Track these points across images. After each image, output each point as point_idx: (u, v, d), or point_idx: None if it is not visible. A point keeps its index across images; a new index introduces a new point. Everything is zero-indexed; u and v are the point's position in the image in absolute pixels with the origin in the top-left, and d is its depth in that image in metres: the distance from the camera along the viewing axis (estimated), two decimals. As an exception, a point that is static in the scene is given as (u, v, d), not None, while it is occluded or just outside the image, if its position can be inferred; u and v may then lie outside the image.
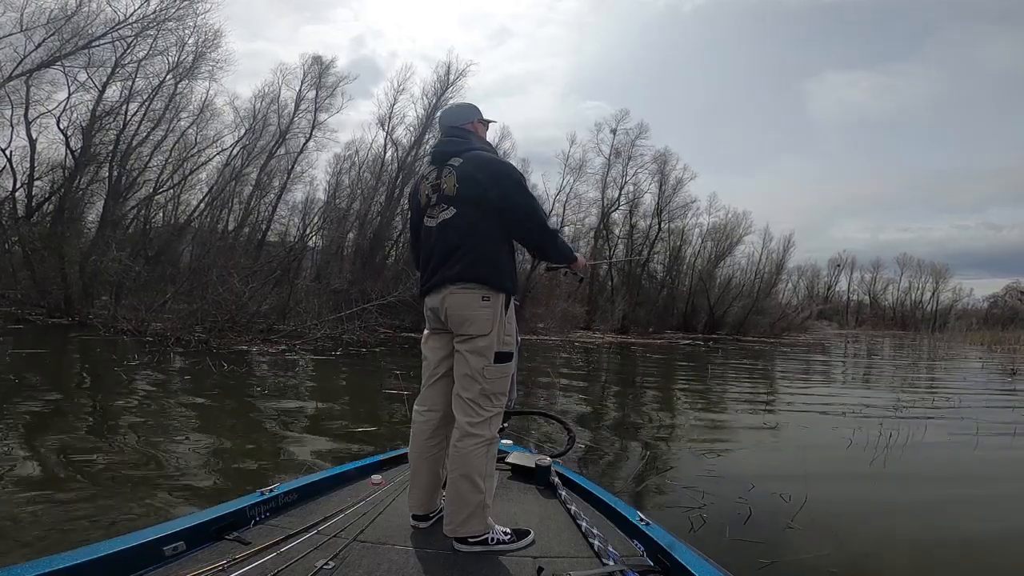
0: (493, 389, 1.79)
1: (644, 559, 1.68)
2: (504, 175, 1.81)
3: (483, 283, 1.78)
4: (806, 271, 51.30)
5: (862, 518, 3.30)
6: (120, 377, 6.55)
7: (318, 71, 21.12)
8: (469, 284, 1.78)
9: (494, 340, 1.78)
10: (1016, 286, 53.55)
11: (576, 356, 14.21)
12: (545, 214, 1.93)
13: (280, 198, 21.49)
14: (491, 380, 1.78)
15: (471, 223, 1.79)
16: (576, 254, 2.01)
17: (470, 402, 1.78)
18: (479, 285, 1.78)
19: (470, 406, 1.78)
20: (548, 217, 1.97)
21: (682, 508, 3.24)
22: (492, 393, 1.79)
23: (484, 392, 1.78)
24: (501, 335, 1.80)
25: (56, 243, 13.58)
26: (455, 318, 1.80)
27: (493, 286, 1.78)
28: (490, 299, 1.78)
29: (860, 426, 5.64)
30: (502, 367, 1.80)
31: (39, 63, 14.98)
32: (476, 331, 1.77)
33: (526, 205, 1.81)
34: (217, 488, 3.21)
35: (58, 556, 1.34)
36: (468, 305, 1.78)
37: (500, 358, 1.79)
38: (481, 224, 1.79)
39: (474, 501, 1.71)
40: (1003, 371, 14.67)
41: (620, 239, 29.81)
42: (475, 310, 1.77)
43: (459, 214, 1.81)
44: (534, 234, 1.88)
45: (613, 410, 6.86)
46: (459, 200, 1.81)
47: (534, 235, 1.89)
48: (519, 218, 1.82)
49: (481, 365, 1.77)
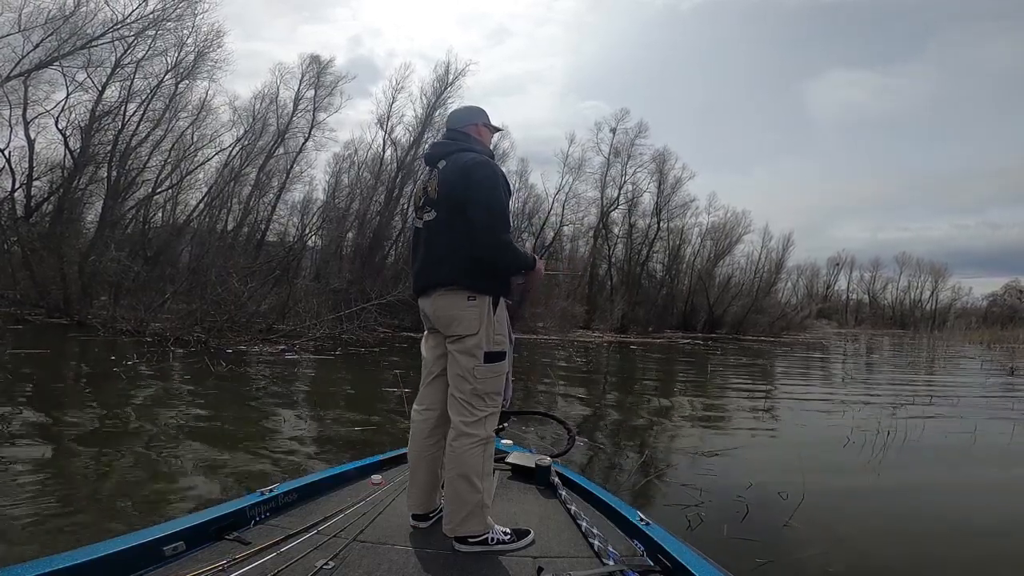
0: (485, 389, 1.79)
1: (644, 559, 1.68)
2: (474, 179, 1.77)
3: (467, 287, 1.78)
4: (805, 270, 51.35)
5: (859, 516, 3.31)
6: (119, 377, 6.55)
7: (316, 70, 21.15)
8: (453, 287, 1.79)
9: (483, 340, 1.78)
10: (1015, 285, 53.71)
11: (575, 356, 14.22)
12: (503, 223, 1.79)
13: (279, 198, 21.56)
14: (482, 380, 1.78)
15: (451, 225, 1.80)
16: (535, 257, 1.91)
17: (463, 402, 1.79)
18: (463, 288, 1.78)
19: (463, 406, 1.79)
20: (505, 229, 1.79)
21: (679, 507, 3.25)
22: (484, 393, 1.79)
23: (476, 392, 1.78)
24: (490, 335, 1.80)
25: (55, 243, 13.57)
26: (443, 319, 1.82)
27: (477, 288, 1.78)
28: (476, 299, 1.78)
29: (858, 425, 5.65)
30: (493, 367, 1.80)
31: (37, 63, 14.97)
32: (464, 331, 1.78)
33: (483, 210, 1.74)
34: (217, 488, 3.21)
35: (58, 556, 1.34)
36: (454, 305, 1.79)
37: (490, 358, 1.79)
38: (460, 226, 1.78)
39: (472, 501, 1.72)
40: (1002, 369, 14.70)
41: (619, 238, 29.87)
42: (462, 310, 1.78)
43: (438, 217, 1.83)
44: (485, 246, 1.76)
45: (613, 410, 6.87)
46: (439, 203, 1.83)
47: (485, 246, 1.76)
48: (474, 224, 1.75)
49: (471, 365, 1.78)
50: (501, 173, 1.85)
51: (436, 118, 21.27)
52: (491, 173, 1.80)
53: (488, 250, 1.77)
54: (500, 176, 1.83)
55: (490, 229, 1.76)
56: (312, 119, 21.14)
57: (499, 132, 2.11)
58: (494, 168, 1.84)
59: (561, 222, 27.92)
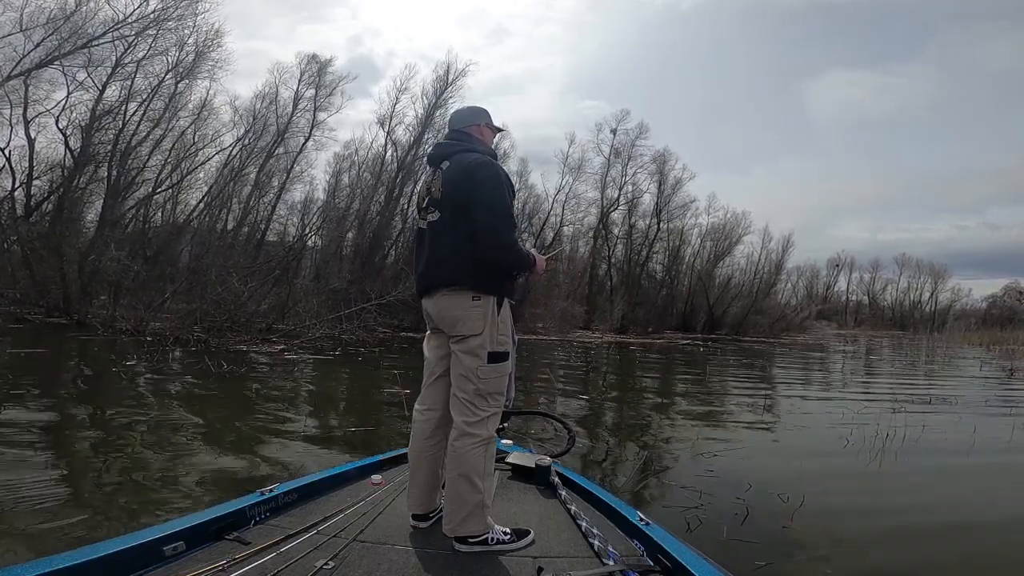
0: (488, 389, 1.79)
1: (644, 559, 1.68)
2: (477, 179, 1.77)
3: (472, 287, 1.78)
4: (805, 271, 51.40)
5: (859, 518, 3.31)
6: (119, 377, 6.54)
7: (316, 70, 21.14)
8: (456, 287, 1.79)
9: (487, 340, 1.78)
10: (1015, 286, 53.65)
11: (575, 356, 14.21)
12: (506, 224, 1.78)
13: (279, 198, 21.51)
14: (485, 380, 1.78)
15: (454, 226, 1.80)
16: (533, 253, 1.89)
17: (466, 402, 1.79)
18: (468, 288, 1.79)
19: (466, 406, 1.79)
20: (509, 230, 1.78)
21: (679, 508, 3.25)
22: (487, 393, 1.79)
23: (479, 392, 1.78)
24: (494, 335, 1.80)
25: (55, 242, 13.55)
26: (448, 320, 1.82)
27: (482, 288, 1.79)
28: (481, 299, 1.78)
29: (858, 426, 5.65)
30: (496, 367, 1.80)
31: (38, 62, 14.96)
32: (468, 331, 1.78)
33: (486, 210, 1.75)
34: (217, 488, 3.21)
35: (58, 556, 1.34)
36: (459, 306, 1.79)
37: (494, 358, 1.79)
38: (463, 227, 1.78)
39: (472, 501, 1.72)
40: (1001, 371, 14.70)
41: (619, 239, 29.86)
42: (466, 310, 1.78)
43: (442, 218, 1.83)
44: (488, 247, 1.76)
45: (612, 410, 6.87)
46: (443, 203, 1.83)
47: (488, 247, 1.76)
48: (477, 225, 1.76)
49: (475, 365, 1.78)
50: (504, 173, 1.84)
51: (437, 118, 21.27)
52: (494, 173, 1.80)
53: (491, 251, 1.77)
54: (503, 176, 1.82)
55: (493, 230, 1.76)
56: (312, 119, 21.13)
57: (501, 132, 2.10)
58: (497, 168, 1.83)
59: (561, 222, 27.98)
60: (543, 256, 1.98)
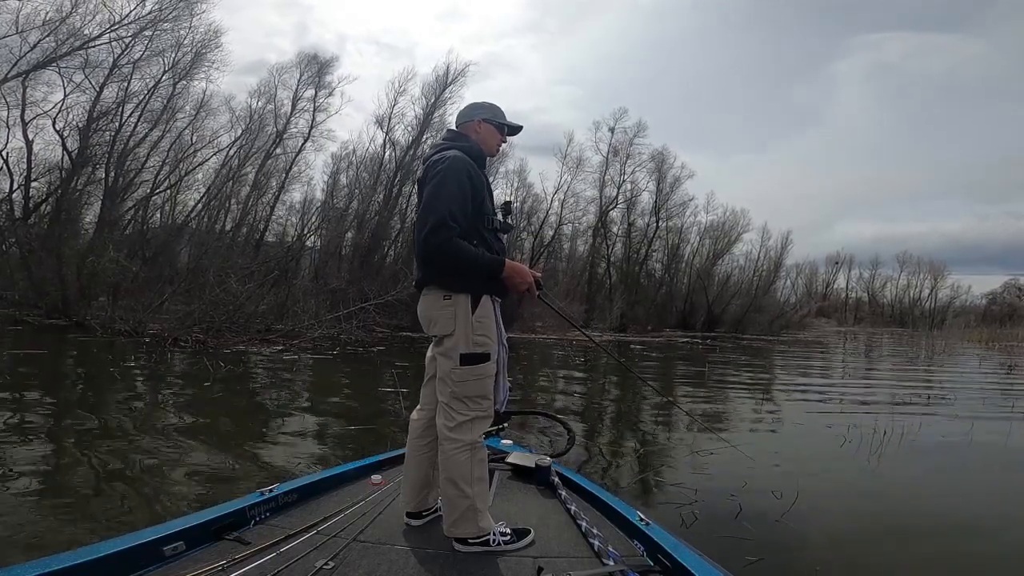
0: (464, 392, 1.74)
1: (644, 559, 1.68)
2: (430, 174, 1.75)
3: (443, 286, 1.76)
4: (804, 268, 51.39)
5: (853, 515, 3.33)
6: (117, 378, 6.54)
7: (316, 69, 21.12)
8: (432, 286, 1.78)
9: (459, 341, 1.73)
10: (1014, 283, 53.83)
11: (574, 355, 14.21)
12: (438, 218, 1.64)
13: (278, 198, 21.49)
14: (460, 383, 1.73)
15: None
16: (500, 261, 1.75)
17: (445, 405, 1.77)
18: (440, 288, 1.77)
19: (445, 409, 1.77)
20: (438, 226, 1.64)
21: (674, 505, 3.26)
22: (464, 396, 1.74)
23: (455, 395, 1.74)
24: (469, 335, 1.73)
25: (53, 244, 13.52)
26: (424, 320, 1.82)
27: (451, 287, 1.75)
28: (452, 298, 1.74)
29: (855, 423, 5.65)
30: (472, 369, 1.73)
31: (35, 64, 14.92)
32: (440, 331, 1.76)
33: (423, 204, 1.70)
34: (217, 488, 3.21)
35: (58, 556, 1.34)
36: (432, 306, 1.78)
37: (469, 359, 1.73)
38: None
39: (461, 505, 1.71)
40: (1000, 368, 14.72)
41: (618, 237, 29.86)
42: (437, 310, 1.76)
43: (418, 216, 1.81)
44: (417, 243, 1.70)
45: (612, 409, 6.87)
46: (420, 202, 1.82)
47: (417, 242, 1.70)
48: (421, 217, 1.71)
49: (448, 367, 1.75)
50: (463, 167, 1.73)
51: (435, 119, 21.29)
52: (445, 166, 1.71)
53: (418, 246, 1.70)
54: (457, 169, 1.71)
55: (421, 224, 1.69)
56: (312, 119, 21.14)
57: (517, 131, 2.01)
58: (454, 161, 1.73)
59: (559, 221, 27.97)
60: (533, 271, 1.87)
